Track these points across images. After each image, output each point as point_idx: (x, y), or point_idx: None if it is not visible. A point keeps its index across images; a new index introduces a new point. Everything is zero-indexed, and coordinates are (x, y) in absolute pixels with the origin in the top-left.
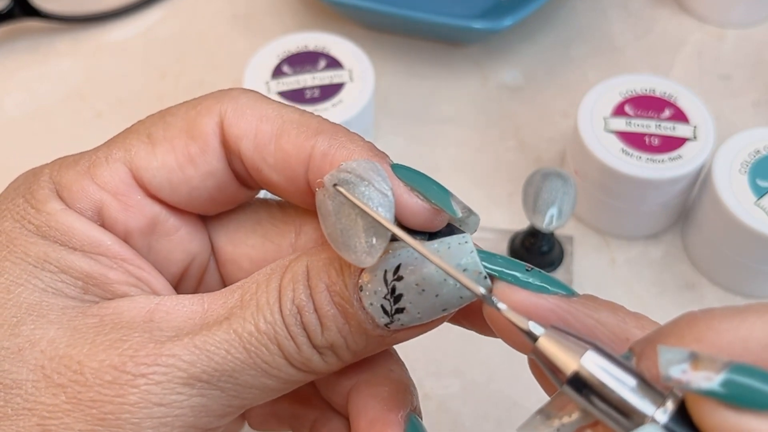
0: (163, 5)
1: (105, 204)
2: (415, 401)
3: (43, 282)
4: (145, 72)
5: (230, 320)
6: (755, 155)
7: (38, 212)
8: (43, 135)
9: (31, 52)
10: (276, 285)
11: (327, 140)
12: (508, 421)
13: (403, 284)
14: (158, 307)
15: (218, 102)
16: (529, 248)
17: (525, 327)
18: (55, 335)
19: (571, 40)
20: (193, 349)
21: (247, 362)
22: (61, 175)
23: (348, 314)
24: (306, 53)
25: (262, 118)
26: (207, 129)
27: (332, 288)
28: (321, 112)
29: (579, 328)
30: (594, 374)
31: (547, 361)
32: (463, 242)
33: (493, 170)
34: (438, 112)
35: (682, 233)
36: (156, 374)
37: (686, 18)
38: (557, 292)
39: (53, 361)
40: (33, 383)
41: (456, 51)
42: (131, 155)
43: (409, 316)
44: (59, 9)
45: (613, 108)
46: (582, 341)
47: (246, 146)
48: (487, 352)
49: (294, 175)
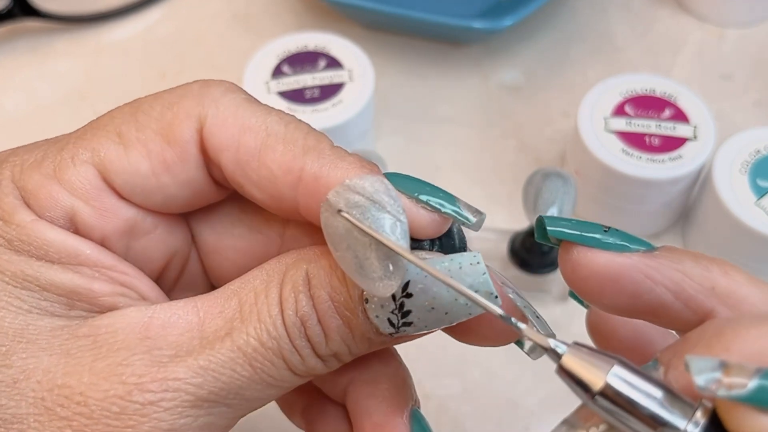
0: (162, 5)
1: (77, 211)
2: (414, 394)
3: (26, 303)
4: (144, 72)
5: (232, 336)
6: (756, 155)
7: (7, 224)
8: (43, 135)
9: (31, 52)
10: (276, 295)
11: (316, 160)
12: (508, 421)
13: (412, 301)
14: (152, 321)
15: (197, 104)
16: (529, 248)
17: (547, 345)
18: (49, 364)
19: (571, 40)
20: (198, 371)
21: (253, 378)
22: (25, 179)
23: (352, 325)
24: (306, 53)
25: (244, 129)
26: (185, 135)
27: (336, 298)
28: (321, 112)
29: (666, 283)
30: (622, 391)
31: (573, 377)
32: (474, 262)
33: (493, 170)
34: (438, 112)
35: (682, 233)
36: (164, 401)
37: (687, 18)
38: (638, 249)
39: (52, 392)
40: (35, 417)
41: (456, 51)
42: (100, 157)
43: (415, 329)
44: (59, 9)
45: (613, 108)
46: (605, 356)
47: (227, 159)
48: (487, 352)
49: (279, 195)
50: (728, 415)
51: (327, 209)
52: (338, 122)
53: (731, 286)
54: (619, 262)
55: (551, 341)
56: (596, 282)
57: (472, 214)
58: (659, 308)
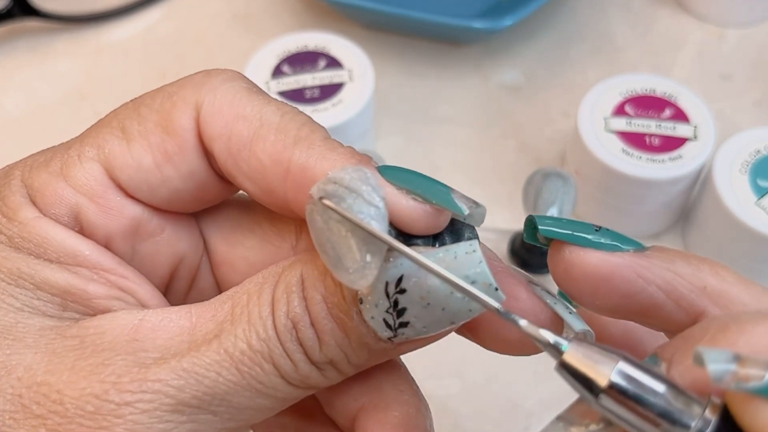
0: (162, 5)
1: (82, 208)
2: (428, 424)
3: (18, 300)
4: (144, 72)
5: (220, 338)
6: (756, 155)
7: (10, 221)
8: (43, 134)
9: (31, 52)
10: (268, 296)
11: (305, 151)
12: (508, 421)
13: (407, 297)
14: (142, 323)
15: (196, 92)
16: (529, 248)
17: (547, 340)
18: (32, 361)
19: (571, 40)
20: (181, 373)
21: (240, 383)
22: (33, 177)
23: (347, 328)
24: (306, 53)
25: (238, 118)
26: (183, 123)
27: (329, 299)
28: (321, 112)
29: (658, 282)
30: (627, 388)
31: (575, 374)
32: (470, 251)
33: (493, 170)
34: (438, 112)
35: (682, 233)
36: (141, 402)
37: (687, 17)
38: (629, 248)
39: (31, 389)
40: (11, 414)
41: (456, 51)
42: (105, 153)
43: (414, 330)
44: (59, 9)
45: (613, 108)
46: (609, 351)
47: (219, 149)
48: (487, 352)
49: (270, 187)
50: (741, 409)
51: (309, 202)
52: (338, 122)
53: (722, 285)
54: (611, 261)
55: (551, 337)
56: (589, 281)
57: (466, 205)
58: (651, 308)
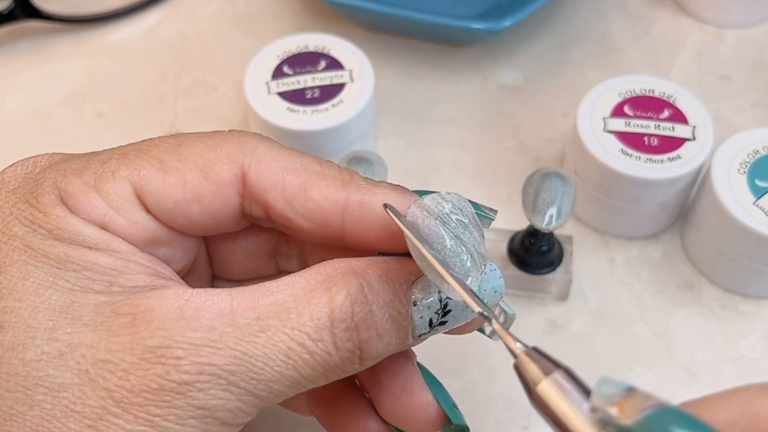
0: (163, 6)
1: (110, 218)
2: None
3: (69, 282)
4: (145, 72)
5: (267, 333)
6: (754, 155)
7: (47, 216)
8: (45, 135)
9: (33, 53)
10: (324, 301)
11: (357, 191)
12: (508, 421)
13: (454, 302)
14: (188, 303)
15: (240, 153)
16: (529, 248)
17: (513, 347)
18: (92, 340)
19: (571, 41)
20: (234, 360)
21: (284, 374)
22: (66, 182)
23: (402, 329)
24: (306, 54)
25: (287, 170)
26: (225, 176)
27: (391, 305)
28: (321, 113)
29: None
30: (551, 394)
31: (522, 375)
32: (492, 268)
33: (492, 170)
34: (438, 112)
35: (681, 233)
36: (199, 382)
37: (685, 18)
38: None
39: (96, 366)
40: (79, 387)
41: (456, 52)
42: (140, 176)
43: (444, 327)
44: (60, 10)
45: (612, 108)
46: (556, 364)
47: (275, 198)
48: (487, 352)
49: (326, 223)
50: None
51: (421, 209)
52: (338, 122)
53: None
54: None
55: (518, 344)
56: None
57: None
58: None
